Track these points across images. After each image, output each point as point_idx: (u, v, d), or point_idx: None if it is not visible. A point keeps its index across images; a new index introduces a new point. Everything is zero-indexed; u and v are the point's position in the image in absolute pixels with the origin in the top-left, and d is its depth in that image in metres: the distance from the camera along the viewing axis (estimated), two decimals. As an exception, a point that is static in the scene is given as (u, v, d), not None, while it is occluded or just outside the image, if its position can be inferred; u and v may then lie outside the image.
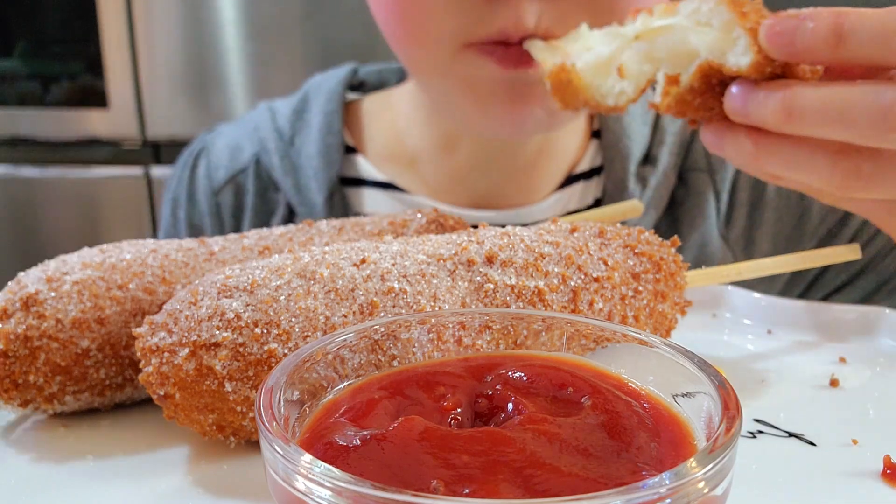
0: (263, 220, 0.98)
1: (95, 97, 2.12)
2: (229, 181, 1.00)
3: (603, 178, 0.94)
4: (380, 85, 1.03)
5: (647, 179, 0.92)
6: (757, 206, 0.92)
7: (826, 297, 0.92)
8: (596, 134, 0.96)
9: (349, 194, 0.95)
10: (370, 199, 0.94)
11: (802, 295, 0.92)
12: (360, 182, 0.95)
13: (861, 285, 0.91)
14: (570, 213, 0.92)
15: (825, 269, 0.91)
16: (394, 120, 0.96)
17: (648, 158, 0.93)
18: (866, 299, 0.90)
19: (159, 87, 2.09)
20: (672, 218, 0.94)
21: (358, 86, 1.03)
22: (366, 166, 0.95)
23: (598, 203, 0.93)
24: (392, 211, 0.92)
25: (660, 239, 0.55)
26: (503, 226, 0.55)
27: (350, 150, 0.97)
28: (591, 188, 0.94)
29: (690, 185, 0.93)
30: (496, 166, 0.90)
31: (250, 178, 0.99)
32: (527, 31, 0.70)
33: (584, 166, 0.94)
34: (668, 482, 0.27)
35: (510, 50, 0.72)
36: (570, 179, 0.93)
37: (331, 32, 2.02)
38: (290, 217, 0.97)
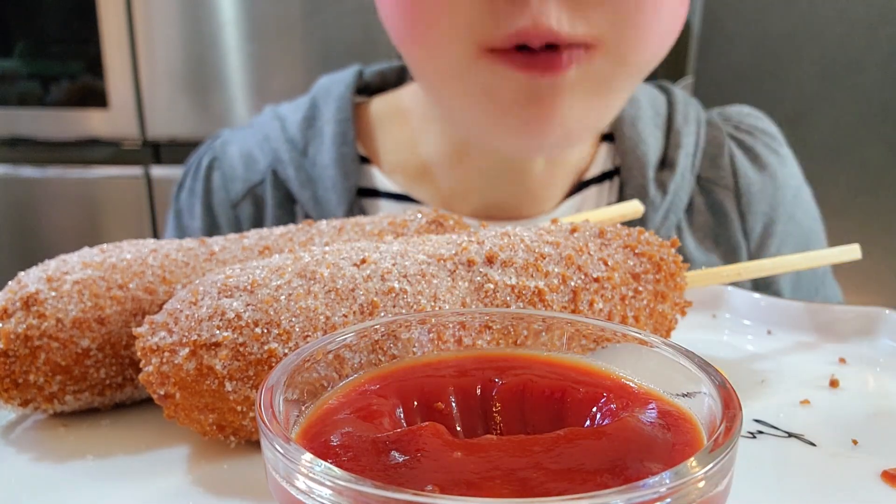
0: None
1: (95, 97, 2.12)
2: (247, 194, 0.97)
3: (618, 182, 0.93)
4: (382, 86, 1.02)
5: (666, 184, 0.92)
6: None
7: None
8: (605, 137, 0.96)
9: (366, 206, 0.93)
10: (385, 211, 0.92)
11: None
12: (375, 193, 0.93)
13: None
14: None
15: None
16: (405, 126, 0.94)
17: (665, 163, 0.93)
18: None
19: (159, 87, 2.09)
20: (689, 222, 0.95)
21: (363, 88, 1.02)
22: (380, 177, 0.93)
23: None
24: None
25: (660, 239, 0.55)
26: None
27: (363, 160, 0.95)
28: (605, 193, 0.93)
29: (715, 201, 0.95)
30: (507, 176, 0.88)
31: (268, 190, 0.96)
32: (550, 32, 0.68)
33: (595, 171, 0.93)
34: (668, 481, 0.27)
35: (536, 56, 0.70)
36: (582, 185, 0.93)
37: (331, 32, 2.03)
38: None
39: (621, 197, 0.92)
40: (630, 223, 0.66)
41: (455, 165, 0.90)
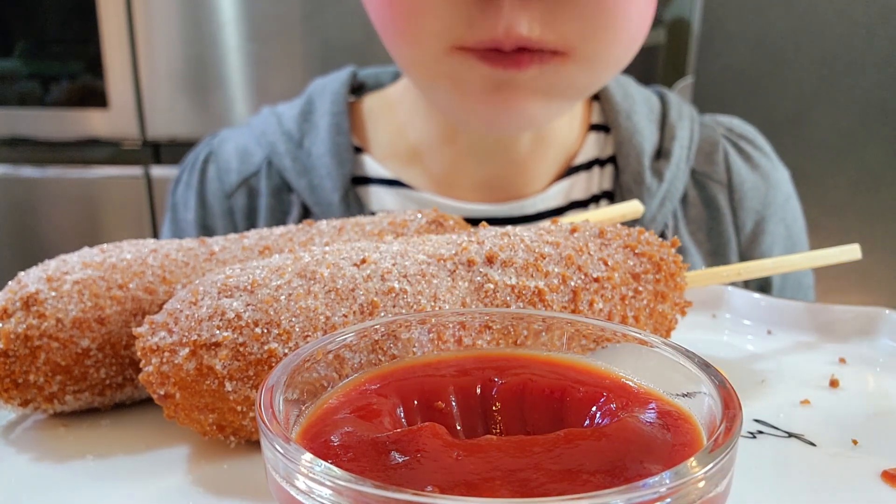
0: (279, 221, 0.98)
1: (95, 97, 2.11)
2: (241, 184, 1.00)
3: (609, 170, 0.97)
4: (377, 87, 1.05)
5: (662, 173, 0.95)
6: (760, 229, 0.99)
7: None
8: (595, 127, 0.99)
9: (360, 193, 0.96)
10: (377, 197, 0.95)
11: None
12: (368, 180, 0.97)
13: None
14: (570, 203, 0.95)
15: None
16: (395, 116, 0.98)
17: (661, 153, 0.97)
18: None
19: (159, 87, 2.09)
20: (683, 213, 0.98)
21: (357, 88, 1.05)
22: (373, 165, 0.97)
23: (605, 195, 0.96)
24: (399, 207, 0.94)
25: (660, 239, 0.55)
26: (504, 225, 0.55)
27: (357, 150, 0.98)
28: (595, 179, 0.96)
29: (709, 195, 0.98)
30: (494, 155, 0.92)
31: (263, 180, 0.99)
32: (520, 38, 0.72)
33: (583, 158, 0.96)
34: (668, 482, 0.27)
35: (504, 55, 0.74)
36: (571, 170, 0.96)
37: (331, 33, 2.03)
38: (306, 217, 0.97)
39: (616, 183, 0.95)
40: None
41: (443, 147, 0.94)
